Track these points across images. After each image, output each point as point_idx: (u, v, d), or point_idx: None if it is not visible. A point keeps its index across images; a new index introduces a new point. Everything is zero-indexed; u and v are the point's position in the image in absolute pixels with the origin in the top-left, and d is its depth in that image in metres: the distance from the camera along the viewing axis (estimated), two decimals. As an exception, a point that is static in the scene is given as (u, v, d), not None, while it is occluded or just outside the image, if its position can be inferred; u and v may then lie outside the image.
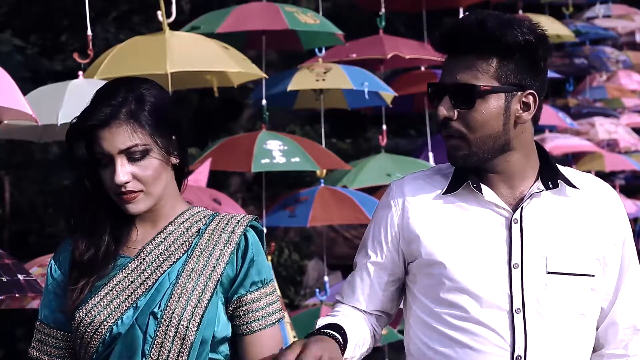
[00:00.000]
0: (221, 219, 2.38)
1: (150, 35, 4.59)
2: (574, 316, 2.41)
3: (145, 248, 2.33)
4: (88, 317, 2.28)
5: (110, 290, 2.30)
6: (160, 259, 2.32)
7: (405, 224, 2.45)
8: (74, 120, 2.31)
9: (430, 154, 6.54)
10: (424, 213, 2.43)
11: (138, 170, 2.27)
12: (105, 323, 2.27)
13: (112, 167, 2.26)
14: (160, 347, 2.27)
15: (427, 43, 6.05)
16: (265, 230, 5.20)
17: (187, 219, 2.37)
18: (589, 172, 9.21)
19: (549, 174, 2.44)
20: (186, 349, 2.27)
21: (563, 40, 9.27)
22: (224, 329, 2.34)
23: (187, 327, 2.27)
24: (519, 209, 2.40)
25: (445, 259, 2.39)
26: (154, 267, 2.31)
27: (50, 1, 9.38)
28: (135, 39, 4.57)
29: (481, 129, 2.36)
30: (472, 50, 2.35)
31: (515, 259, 2.38)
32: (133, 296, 2.29)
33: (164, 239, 2.34)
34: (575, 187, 2.44)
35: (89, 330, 2.28)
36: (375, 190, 6.16)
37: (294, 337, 5.33)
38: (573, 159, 9.09)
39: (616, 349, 2.50)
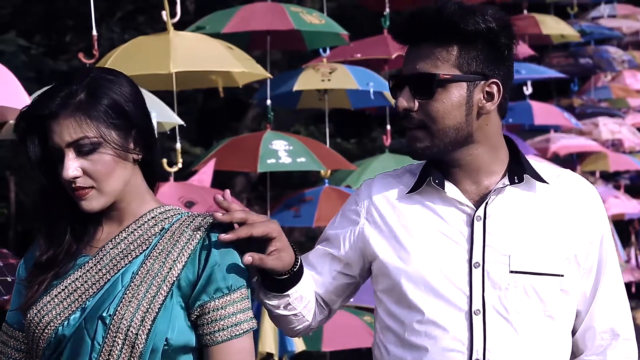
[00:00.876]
0: (188, 217, 2.22)
1: (154, 35, 4.59)
2: (541, 319, 2.29)
3: (104, 247, 2.19)
4: (37, 316, 2.16)
5: (63, 290, 2.17)
6: (117, 259, 2.17)
7: (367, 225, 2.39)
8: (23, 109, 2.19)
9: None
10: (387, 213, 2.38)
11: (88, 164, 2.14)
12: (52, 323, 2.14)
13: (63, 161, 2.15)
14: (109, 354, 2.09)
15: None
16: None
17: (153, 217, 2.21)
18: (594, 172, 9.33)
19: (517, 169, 2.33)
20: (136, 357, 2.09)
21: (567, 40, 9.26)
22: (182, 336, 2.13)
23: (136, 333, 2.08)
24: (483, 205, 2.31)
25: (404, 258, 2.33)
26: (109, 267, 2.17)
27: (55, 1, 9.39)
28: (139, 39, 4.57)
29: (442, 119, 2.27)
30: (432, 38, 2.28)
31: (477, 257, 2.28)
32: (83, 297, 2.15)
33: (125, 237, 2.19)
34: (545, 182, 2.34)
35: (37, 331, 2.15)
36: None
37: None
38: (578, 158, 9.08)
39: (593, 355, 2.39)
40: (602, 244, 2.37)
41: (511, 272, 2.28)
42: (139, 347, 2.09)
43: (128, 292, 2.12)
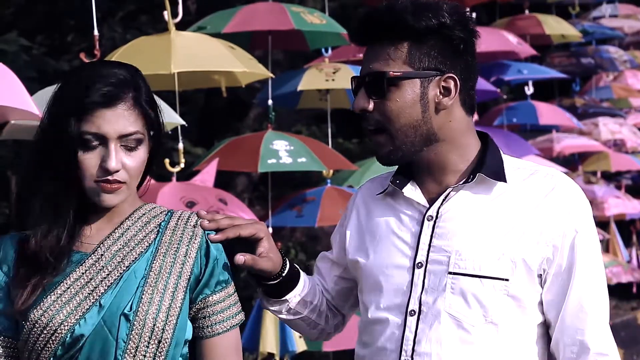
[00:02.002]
0: (180, 215, 2.25)
1: (156, 35, 4.59)
2: (480, 324, 2.20)
3: (102, 244, 2.17)
4: (44, 317, 2.09)
5: (68, 288, 2.12)
6: (120, 255, 2.16)
7: (347, 227, 2.43)
8: (64, 95, 2.11)
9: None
10: (361, 215, 2.41)
11: (128, 160, 2.12)
12: (65, 323, 2.09)
13: (103, 151, 2.10)
14: (135, 351, 2.10)
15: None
16: (271, 230, 5.21)
17: (144, 214, 2.22)
18: (595, 172, 9.32)
19: (477, 168, 2.27)
20: (162, 352, 2.13)
21: (568, 40, 9.26)
22: (189, 330, 2.21)
23: (162, 329, 2.12)
24: (436, 205, 2.27)
25: (363, 258, 2.35)
26: (114, 263, 2.15)
27: (57, 1, 9.39)
28: (141, 39, 4.58)
29: (398, 118, 2.23)
30: (384, 37, 2.25)
31: (421, 257, 2.25)
32: (94, 294, 2.11)
33: (122, 234, 2.18)
34: (503, 181, 2.25)
35: (45, 332, 2.09)
36: (381, 190, 6.16)
37: (300, 336, 5.33)
38: (579, 158, 9.08)
39: None
40: (572, 248, 2.21)
41: (449, 273, 2.21)
42: (166, 343, 2.12)
43: (146, 288, 2.13)
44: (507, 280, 2.19)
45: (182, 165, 4.42)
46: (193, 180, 4.83)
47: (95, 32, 4.15)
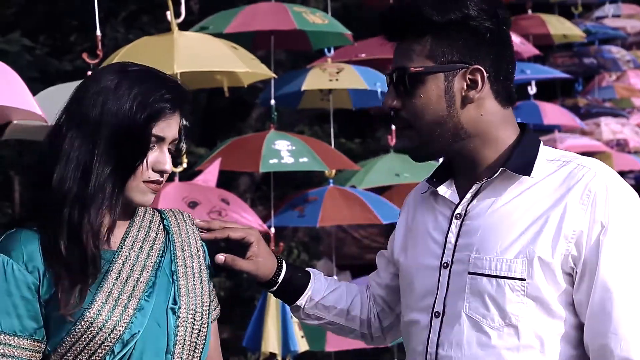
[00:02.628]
0: (174, 213, 2.34)
1: (158, 35, 4.60)
2: (500, 327, 2.10)
3: (125, 242, 2.20)
4: (100, 317, 2.09)
5: (112, 288, 2.13)
6: (144, 253, 2.20)
7: (397, 226, 2.43)
8: (141, 96, 2.12)
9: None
10: (408, 214, 2.38)
11: (170, 162, 2.22)
12: (121, 323, 2.11)
13: (157, 152, 2.16)
14: (183, 342, 2.18)
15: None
16: (273, 230, 5.21)
17: (143, 213, 2.27)
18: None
19: (509, 161, 2.16)
20: (201, 342, 2.23)
21: (570, 40, 9.26)
22: None
23: (200, 320, 2.22)
24: (464, 203, 2.20)
25: (401, 258, 2.33)
26: (141, 261, 2.19)
27: (59, 1, 9.39)
28: (144, 39, 4.58)
29: (423, 114, 2.16)
30: (407, 33, 2.18)
31: (447, 257, 2.18)
32: (137, 291, 2.15)
33: (137, 232, 2.23)
34: (528, 175, 2.14)
35: (102, 332, 2.09)
36: (384, 190, 6.16)
37: (302, 336, 5.33)
38: (582, 158, 9.06)
39: None
40: (597, 245, 2.06)
41: (469, 273, 2.13)
42: (203, 333, 2.23)
43: (181, 283, 2.22)
44: (523, 280, 2.08)
45: (185, 165, 4.42)
46: (195, 180, 4.83)
47: (98, 33, 4.15)
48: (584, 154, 2.27)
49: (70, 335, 2.10)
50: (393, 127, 6.04)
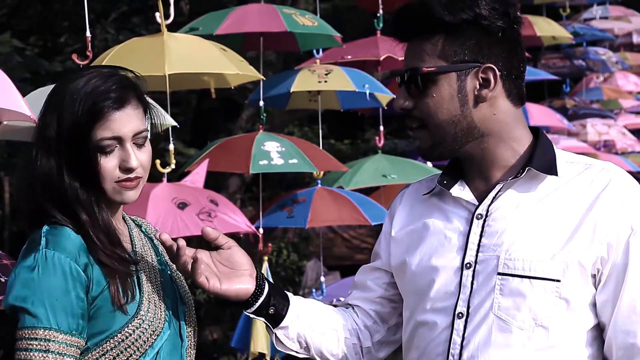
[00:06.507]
0: (134, 218, 2.40)
1: (148, 36, 4.62)
2: (530, 328, 2.11)
3: (135, 243, 2.28)
4: (150, 313, 2.17)
5: (146, 284, 2.21)
6: (147, 251, 2.31)
7: (392, 232, 2.36)
8: (83, 103, 2.14)
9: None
10: (406, 217, 2.34)
11: (141, 156, 2.20)
12: (161, 321, 2.19)
13: (121, 152, 2.16)
14: (190, 329, 2.30)
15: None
16: (262, 230, 5.23)
17: (126, 219, 2.34)
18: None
19: (528, 161, 2.17)
20: (196, 328, 2.34)
21: (558, 42, 9.29)
22: None
23: (196, 317, 2.35)
24: (485, 203, 2.18)
25: (409, 260, 2.28)
26: (149, 258, 2.29)
27: (50, 2, 9.41)
28: (134, 40, 4.60)
29: (436, 114, 2.16)
30: (419, 33, 2.18)
31: (469, 258, 2.16)
32: (159, 287, 2.24)
33: (134, 236, 2.31)
34: (554, 174, 2.16)
35: (148, 331, 2.15)
36: (371, 191, 6.19)
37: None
38: (569, 160, 9.09)
39: None
40: (627, 247, 2.10)
41: (499, 273, 2.13)
42: (196, 320, 2.35)
43: (179, 284, 2.34)
44: (558, 281, 2.09)
45: (173, 166, 4.44)
46: (183, 181, 4.85)
47: (88, 34, 4.17)
48: (570, 155, 2.29)
49: (122, 332, 2.13)
50: (381, 128, 6.08)
